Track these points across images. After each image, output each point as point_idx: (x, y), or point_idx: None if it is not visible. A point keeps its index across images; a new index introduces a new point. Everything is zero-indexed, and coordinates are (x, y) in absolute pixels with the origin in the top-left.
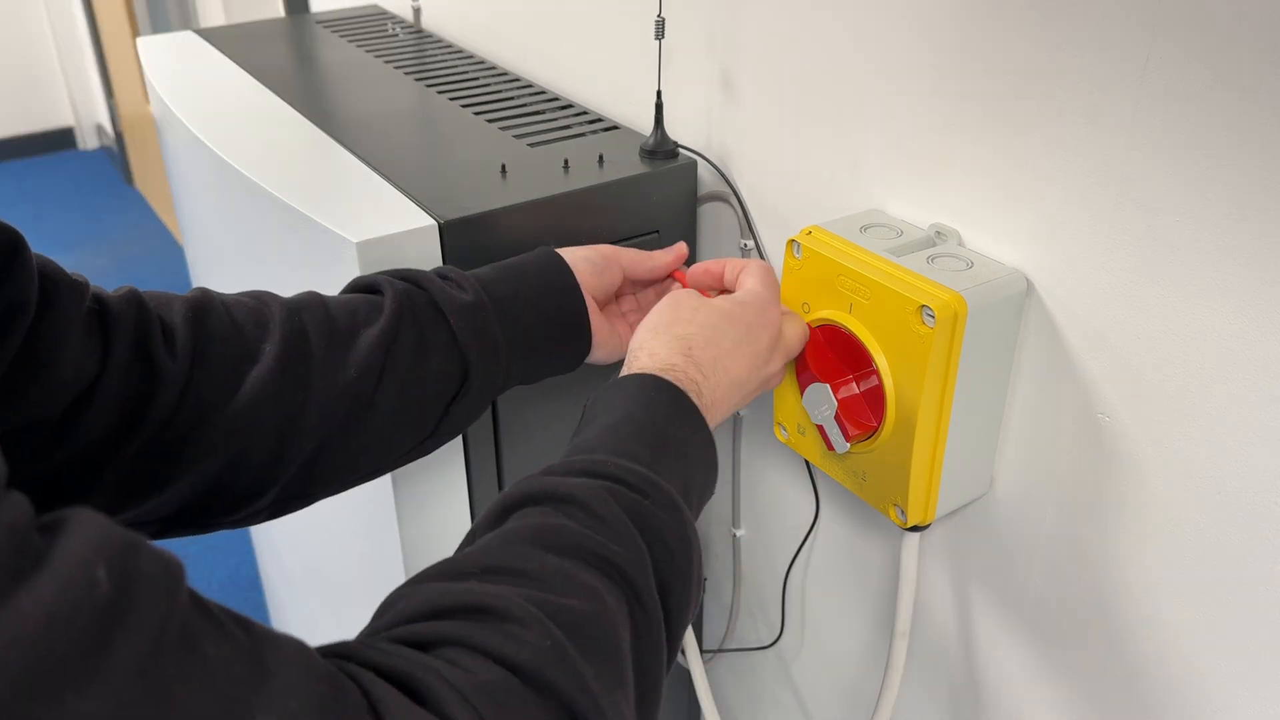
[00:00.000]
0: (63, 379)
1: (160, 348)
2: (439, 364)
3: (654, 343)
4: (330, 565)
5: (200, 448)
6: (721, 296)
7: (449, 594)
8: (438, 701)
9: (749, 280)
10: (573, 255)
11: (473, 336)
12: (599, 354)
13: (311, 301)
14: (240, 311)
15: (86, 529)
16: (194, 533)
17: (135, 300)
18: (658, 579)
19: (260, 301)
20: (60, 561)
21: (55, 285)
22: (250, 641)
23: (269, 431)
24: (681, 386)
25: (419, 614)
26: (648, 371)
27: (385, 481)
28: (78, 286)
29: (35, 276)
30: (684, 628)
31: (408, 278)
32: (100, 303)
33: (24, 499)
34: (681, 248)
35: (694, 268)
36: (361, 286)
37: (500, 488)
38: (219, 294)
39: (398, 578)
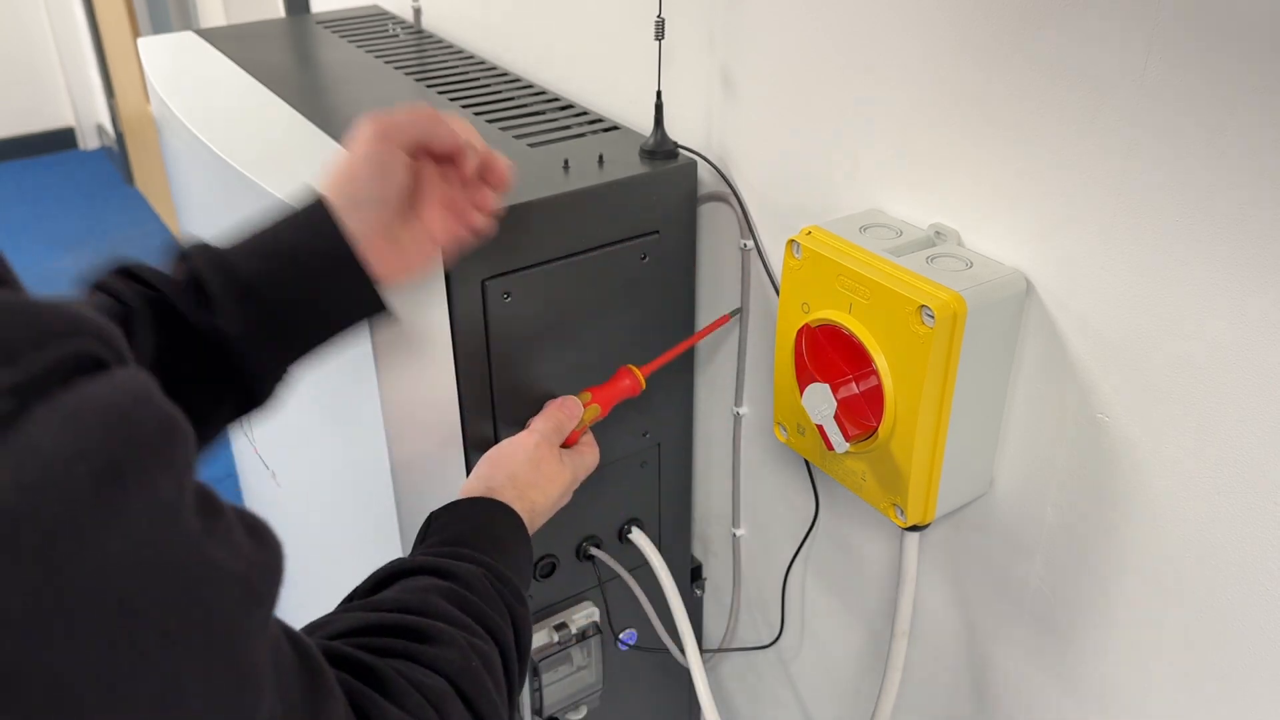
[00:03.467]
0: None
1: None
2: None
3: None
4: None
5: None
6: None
7: (386, 619)
8: (395, 690)
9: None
10: (349, 170)
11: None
12: (399, 277)
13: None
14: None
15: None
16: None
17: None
18: (519, 648)
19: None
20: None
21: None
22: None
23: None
24: (508, 503)
25: (360, 630)
26: (481, 495)
27: (384, 463)
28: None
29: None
30: (523, 669)
31: (155, 302)
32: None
33: None
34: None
35: None
36: (105, 304)
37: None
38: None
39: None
